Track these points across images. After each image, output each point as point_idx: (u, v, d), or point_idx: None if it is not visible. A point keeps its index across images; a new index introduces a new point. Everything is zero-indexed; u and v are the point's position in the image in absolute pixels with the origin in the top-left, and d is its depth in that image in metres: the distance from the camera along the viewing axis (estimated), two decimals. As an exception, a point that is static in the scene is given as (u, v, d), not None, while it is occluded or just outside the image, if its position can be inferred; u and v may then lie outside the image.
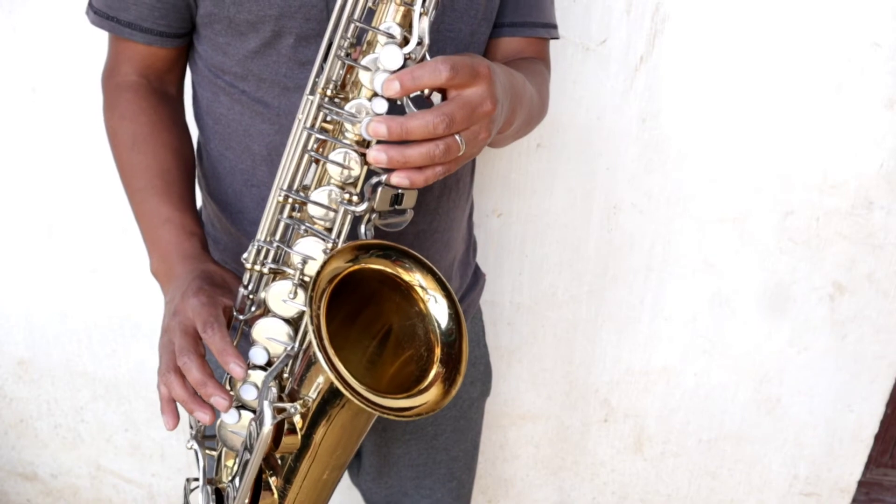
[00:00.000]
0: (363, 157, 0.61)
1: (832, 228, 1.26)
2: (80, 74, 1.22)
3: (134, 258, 1.36)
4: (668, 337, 1.38)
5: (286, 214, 0.65)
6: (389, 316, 0.68)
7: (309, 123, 0.62)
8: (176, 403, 0.67)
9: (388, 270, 0.64)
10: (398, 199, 0.62)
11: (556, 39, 0.90)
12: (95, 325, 1.46)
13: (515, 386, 1.46)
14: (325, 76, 0.61)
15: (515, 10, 0.83)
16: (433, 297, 0.65)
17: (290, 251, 0.65)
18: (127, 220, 1.32)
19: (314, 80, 0.62)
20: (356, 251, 0.62)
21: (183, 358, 0.63)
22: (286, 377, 0.66)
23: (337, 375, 0.56)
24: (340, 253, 0.61)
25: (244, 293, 0.67)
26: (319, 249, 0.64)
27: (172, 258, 0.73)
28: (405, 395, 0.61)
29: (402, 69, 0.56)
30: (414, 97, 0.57)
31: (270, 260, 0.66)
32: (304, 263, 0.64)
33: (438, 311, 0.65)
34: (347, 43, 0.61)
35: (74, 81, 1.23)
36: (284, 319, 0.65)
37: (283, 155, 0.64)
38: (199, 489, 0.72)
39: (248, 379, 0.66)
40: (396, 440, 0.98)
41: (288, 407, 0.63)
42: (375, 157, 0.56)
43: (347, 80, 0.62)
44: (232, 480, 0.71)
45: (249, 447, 0.67)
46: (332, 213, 0.63)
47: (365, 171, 0.62)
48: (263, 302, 0.66)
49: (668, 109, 1.20)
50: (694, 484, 1.54)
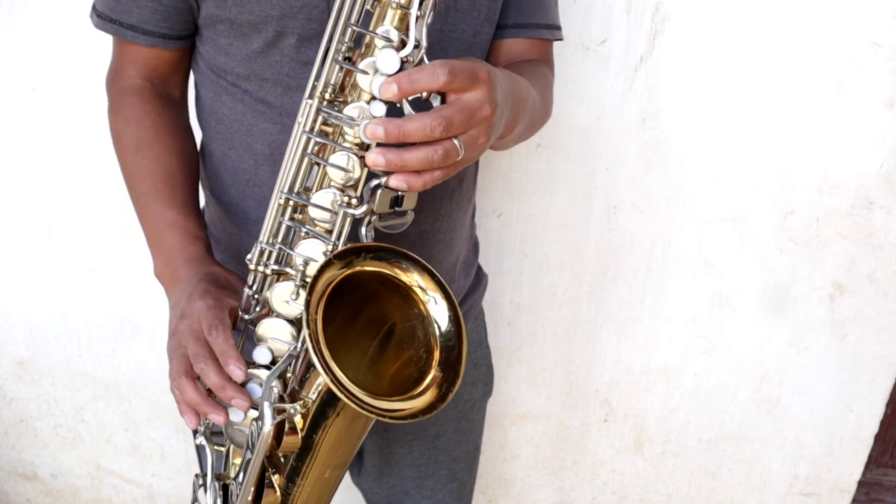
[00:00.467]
0: (362, 159, 0.61)
1: (832, 228, 1.26)
2: (80, 74, 1.22)
3: (134, 258, 1.36)
4: (668, 337, 1.38)
5: (287, 217, 0.65)
6: (390, 316, 0.68)
7: (308, 127, 0.62)
8: None
9: (386, 272, 0.64)
10: (398, 201, 0.62)
11: (559, 41, 0.90)
12: (95, 325, 1.46)
13: (515, 386, 1.46)
14: (323, 80, 0.61)
15: (518, 11, 0.83)
16: (433, 298, 0.65)
17: (291, 253, 0.65)
18: (127, 220, 1.32)
19: (313, 83, 0.62)
20: (351, 255, 0.63)
21: (199, 364, 0.63)
22: (289, 377, 0.66)
23: (333, 379, 0.57)
24: (336, 259, 0.62)
25: (249, 293, 0.68)
26: (320, 251, 0.64)
27: (177, 262, 0.73)
28: (400, 397, 0.62)
29: (399, 72, 0.56)
30: (413, 101, 0.58)
31: (273, 261, 0.66)
32: (305, 265, 0.65)
33: (438, 313, 0.65)
34: (346, 46, 0.61)
35: (74, 81, 1.23)
36: (287, 320, 0.66)
37: (283, 156, 0.65)
38: (207, 485, 0.73)
39: (252, 379, 0.66)
40: (398, 440, 0.98)
41: (288, 408, 0.64)
42: (374, 160, 0.57)
43: (346, 83, 0.62)
44: (235, 478, 0.72)
45: (251, 446, 0.67)
46: (332, 215, 0.63)
47: (365, 173, 0.62)
48: (267, 302, 0.66)
49: (668, 109, 1.20)
50: (694, 484, 1.54)
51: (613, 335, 1.40)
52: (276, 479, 0.70)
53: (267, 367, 0.66)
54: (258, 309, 0.68)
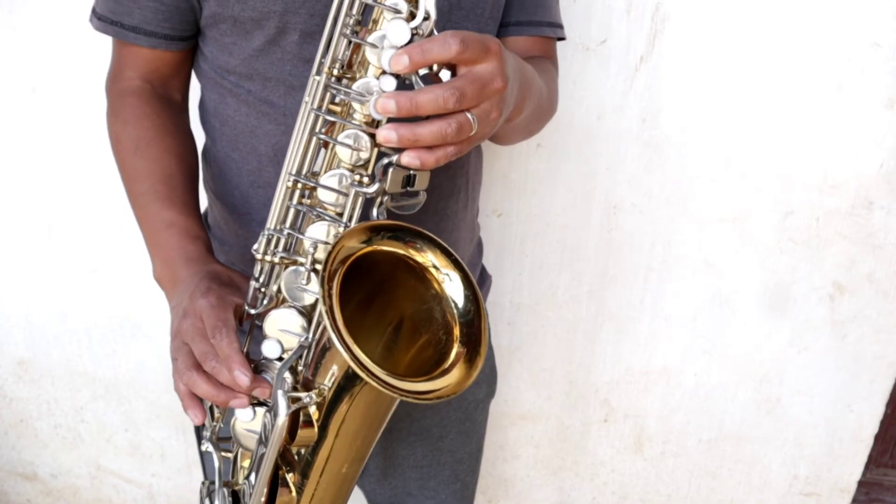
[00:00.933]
0: (373, 137, 0.59)
1: (832, 228, 1.26)
2: (80, 75, 1.22)
3: (134, 258, 1.36)
4: (668, 337, 1.38)
5: (296, 200, 0.63)
6: (404, 302, 0.66)
7: (316, 105, 0.60)
8: (198, 397, 0.65)
9: (400, 252, 0.62)
10: (410, 180, 0.60)
11: (562, 40, 0.89)
12: (95, 325, 1.46)
13: (515, 386, 1.46)
14: (330, 55, 0.59)
15: (521, 9, 0.83)
16: (447, 275, 0.62)
17: (301, 237, 0.63)
18: (126, 220, 1.31)
19: (320, 60, 0.60)
20: (368, 232, 0.60)
21: (210, 363, 0.62)
22: (300, 370, 0.64)
23: (352, 356, 0.54)
24: (352, 233, 0.59)
25: (255, 286, 0.66)
26: (331, 234, 0.62)
27: (176, 262, 0.72)
28: (426, 377, 0.59)
29: (410, 44, 0.55)
30: (422, 78, 0.56)
31: (281, 249, 0.64)
32: (315, 249, 0.62)
33: (454, 289, 0.62)
34: (353, 20, 0.59)
35: (74, 81, 1.23)
36: (298, 309, 0.63)
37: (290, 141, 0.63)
38: (215, 492, 0.71)
39: (264, 372, 0.64)
40: (401, 441, 0.98)
41: (303, 396, 0.61)
42: (386, 136, 0.55)
43: (354, 60, 0.60)
44: (247, 477, 0.69)
45: (264, 440, 0.64)
46: (342, 197, 0.61)
47: (375, 153, 0.60)
48: (277, 290, 0.64)
49: (668, 109, 1.20)
50: (694, 484, 1.54)
51: (613, 335, 1.40)
52: (290, 477, 0.67)
53: (278, 359, 0.64)
54: (265, 302, 0.65)
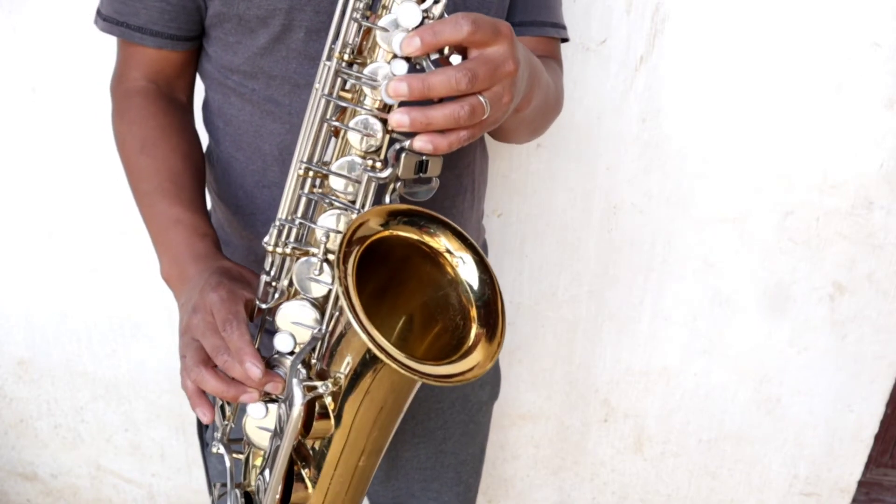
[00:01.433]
0: (384, 123, 0.59)
1: (832, 228, 1.26)
2: (80, 75, 1.22)
3: (134, 258, 1.36)
4: (668, 337, 1.38)
5: (307, 189, 0.62)
6: (418, 289, 0.65)
7: (326, 91, 0.60)
8: (206, 395, 0.65)
9: (414, 238, 0.61)
10: (423, 166, 0.59)
11: (566, 41, 0.89)
12: (95, 325, 1.46)
13: (515, 386, 1.46)
14: (341, 41, 0.59)
15: (525, 9, 0.83)
16: (460, 258, 0.62)
17: (313, 226, 0.62)
18: (127, 220, 1.32)
19: (330, 46, 0.60)
20: (383, 215, 0.60)
21: (222, 357, 0.61)
22: (313, 363, 0.63)
23: (370, 338, 0.52)
24: (367, 215, 0.59)
25: (266, 280, 0.65)
26: (344, 223, 0.61)
27: (184, 259, 0.71)
28: (447, 361, 0.58)
29: (421, 26, 0.54)
30: (433, 62, 0.56)
31: (293, 239, 0.63)
32: (327, 238, 0.61)
33: (468, 272, 0.62)
34: (363, 5, 0.58)
35: (74, 81, 1.23)
36: (310, 302, 0.62)
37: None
38: (227, 494, 0.70)
39: (276, 367, 0.63)
40: (405, 443, 0.98)
41: (319, 385, 0.60)
42: (398, 120, 0.54)
43: (364, 46, 0.60)
44: (261, 473, 0.68)
45: (279, 432, 0.63)
46: (354, 184, 0.60)
47: (387, 139, 0.60)
48: (288, 284, 0.63)
49: (668, 109, 1.20)
50: (694, 484, 1.54)
51: (613, 335, 1.40)
52: (305, 472, 0.66)
53: (290, 353, 0.63)
54: (276, 296, 0.64)
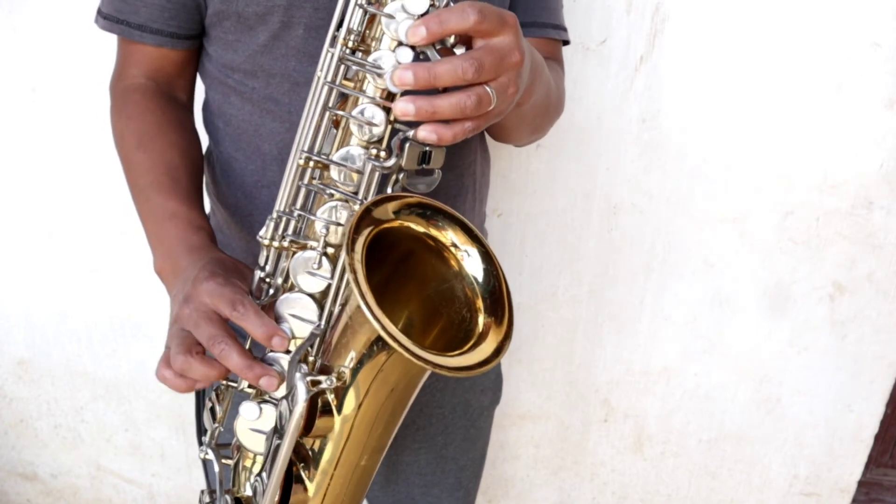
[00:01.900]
0: (387, 112, 0.58)
1: (832, 228, 1.26)
2: (80, 74, 1.22)
3: (134, 258, 1.36)
4: (668, 337, 1.38)
5: (307, 180, 0.60)
6: (422, 284, 0.64)
7: (329, 78, 0.58)
8: (186, 379, 0.62)
9: (420, 230, 0.60)
10: (426, 157, 0.58)
11: (567, 44, 0.89)
12: (95, 325, 1.46)
13: (515, 386, 1.46)
14: (345, 28, 0.58)
15: (526, 10, 0.82)
16: (465, 251, 0.61)
17: (312, 218, 0.60)
18: (127, 220, 1.32)
19: (333, 33, 0.59)
20: (389, 204, 0.58)
21: (219, 346, 0.58)
22: (310, 360, 0.61)
23: (381, 326, 0.51)
24: (374, 203, 0.57)
25: (261, 275, 0.63)
26: (344, 214, 0.60)
27: (178, 252, 0.69)
28: (458, 353, 0.57)
29: (427, 14, 0.54)
30: (437, 52, 0.55)
31: (291, 232, 0.62)
32: (327, 231, 0.59)
33: (473, 264, 0.61)
34: None
35: (74, 81, 1.23)
36: (309, 295, 0.61)
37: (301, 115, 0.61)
38: (216, 501, 0.68)
39: (273, 365, 0.62)
40: (406, 448, 0.98)
41: (323, 379, 0.58)
42: (403, 108, 0.53)
43: (367, 34, 0.59)
44: (259, 474, 0.66)
45: (280, 430, 0.61)
46: (356, 174, 0.59)
47: (389, 130, 0.59)
48: (283, 280, 0.62)
49: (668, 109, 1.20)
50: (694, 484, 1.54)
51: (613, 335, 1.40)
52: (304, 473, 0.64)
53: (285, 351, 0.61)
54: (271, 293, 0.63)
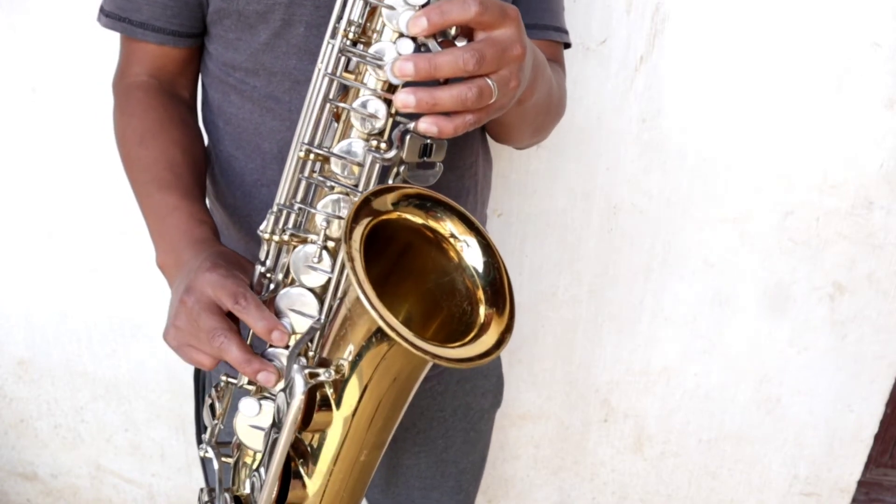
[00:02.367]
0: (388, 104, 0.57)
1: (832, 228, 1.26)
2: (80, 74, 1.22)
3: (134, 258, 1.36)
4: (668, 337, 1.38)
5: (307, 173, 0.60)
6: (422, 277, 0.63)
7: (330, 70, 0.58)
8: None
9: (419, 222, 0.60)
10: (427, 150, 0.58)
11: (568, 47, 0.89)
12: (95, 325, 1.46)
13: (515, 386, 1.46)
14: (345, 19, 0.58)
15: (527, 12, 0.82)
16: (465, 241, 0.60)
17: (313, 211, 0.60)
18: (127, 220, 1.32)
19: (334, 25, 0.59)
20: (389, 195, 0.58)
21: (219, 339, 0.58)
22: (310, 354, 0.61)
23: (378, 315, 0.51)
24: (374, 194, 0.57)
25: (261, 270, 0.63)
26: (346, 208, 0.59)
27: (181, 245, 0.68)
28: (459, 344, 0.57)
29: (428, 5, 0.54)
30: (439, 44, 0.55)
31: (291, 225, 0.61)
32: (328, 224, 0.59)
33: (472, 255, 0.60)
34: None
35: (74, 81, 1.23)
36: (309, 290, 0.61)
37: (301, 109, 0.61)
38: (215, 499, 0.68)
39: (273, 360, 0.62)
40: (406, 451, 0.97)
41: (321, 372, 0.58)
42: (404, 100, 0.53)
43: (368, 26, 0.58)
44: (256, 470, 0.66)
45: (278, 423, 0.61)
46: (357, 167, 0.59)
47: (390, 122, 0.58)
48: (284, 275, 0.62)
49: (668, 109, 1.20)
50: (694, 484, 1.54)
51: (613, 335, 1.40)
52: (303, 469, 0.64)
53: (286, 346, 0.61)
54: (271, 287, 0.63)
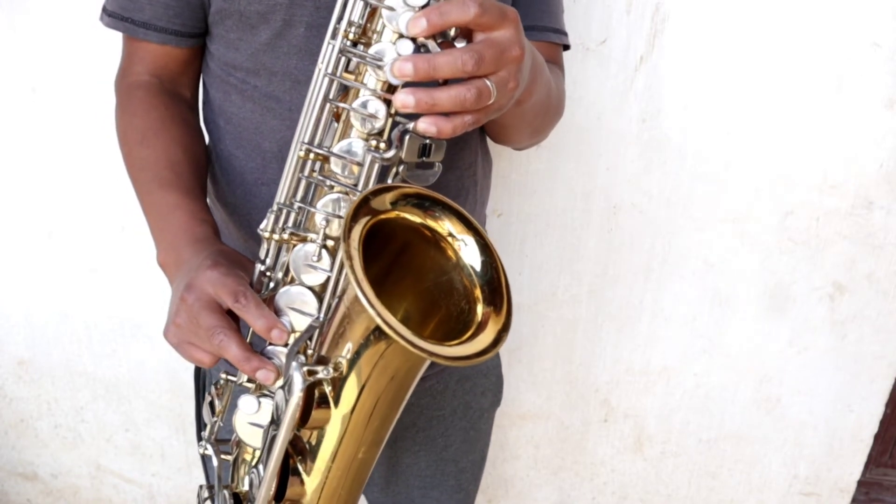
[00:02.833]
0: (388, 104, 0.58)
1: (832, 228, 1.26)
2: (80, 74, 1.22)
3: (134, 258, 1.36)
4: (668, 337, 1.38)
5: (307, 172, 0.61)
6: (420, 277, 0.64)
7: (330, 70, 0.59)
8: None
9: (417, 221, 0.60)
10: (426, 150, 0.58)
11: (567, 49, 0.89)
12: (95, 325, 1.46)
13: (515, 386, 1.46)
14: (346, 20, 0.58)
15: (526, 13, 0.82)
16: (462, 241, 0.61)
17: (312, 210, 0.61)
18: (127, 220, 1.32)
19: (335, 25, 0.59)
20: (387, 195, 0.58)
21: (219, 336, 0.59)
22: (309, 353, 0.61)
23: (376, 312, 0.51)
24: (373, 193, 0.57)
25: (261, 269, 0.63)
26: (344, 207, 0.60)
27: (181, 244, 0.68)
28: (457, 342, 0.57)
29: (427, 7, 0.54)
30: (438, 45, 0.56)
31: (291, 224, 0.62)
32: (327, 223, 0.60)
33: (470, 253, 0.61)
34: None
35: (74, 81, 1.23)
36: (309, 288, 0.61)
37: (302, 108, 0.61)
38: (214, 496, 0.68)
39: (273, 358, 0.62)
40: (406, 450, 0.97)
41: (319, 369, 0.58)
42: (403, 100, 0.54)
43: (369, 27, 0.59)
44: (255, 466, 0.66)
45: (276, 420, 0.61)
46: (356, 166, 0.59)
47: (390, 123, 0.59)
48: (284, 273, 0.62)
49: (668, 109, 1.20)
50: (694, 484, 1.54)
51: (613, 335, 1.40)
52: (301, 466, 0.64)
53: (285, 344, 0.62)
54: (271, 286, 0.63)
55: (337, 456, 0.63)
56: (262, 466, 0.64)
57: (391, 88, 0.58)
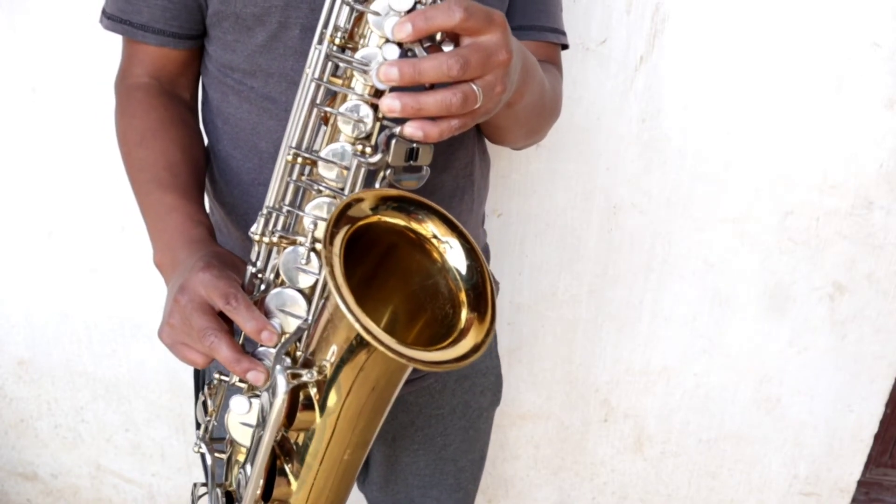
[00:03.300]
0: (375, 109, 0.58)
1: (832, 228, 1.26)
2: (80, 74, 1.22)
3: (134, 258, 1.36)
4: (668, 337, 1.38)
5: (296, 176, 0.61)
6: (405, 280, 0.64)
7: (317, 75, 0.59)
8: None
9: (401, 224, 0.60)
10: (413, 154, 0.58)
11: (566, 48, 0.89)
12: (95, 325, 1.46)
13: (515, 386, 1.46)
14: (332, 25, 0.58)
15: (524, 13, 0.82)
16: (447, 243, 0.61)
17: (301, 214, 0.62)
18: (127, 220, 1.32)
19: (321, 30, 0.59)
20: (371, 199, 0.59)
21: (210, 338, 0.59)
22: (298, 354, 0.62)
23: (354, 318, 0.52)
24: (356, 198, 0.58)
25: (252, 271, 0.64)
26: (332, 211, 0.60)
27: (177, 245, 0.69)
28: (438, 347, 0.57)
29: (413, 11, 0.54)
30: (425, 50, 0.56)
31: (280, 228, 0.63)
32: (315, 226, 0.61)
33: (455, 256, 0.61)
34: None
35: (74, 81, 1.23)
36: (298, 290, 0.62)
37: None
38: (207, 494, 0.69)
39: (262, 359, 0.63)
40: (405, 450, 0.98)
41: (304, 373, 0.59)
42: (389, 105, 0.54)
43: (355, 32, 0.59)
44: (243, 466, 0.67)
45: (262, 421, 0.62)
46: (344, 171, 0.60)
47: (377, 127, 0.59)
48: (275, 276, 0.63)
49: (668, 109, 1.20)
50: (694, 484, 1.54)
51: (613, 335, 1.40)
52: (288, 467, 0.65)
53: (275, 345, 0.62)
54: (263, 288, 0.64)
55: (324, 458, 0.64)
56: (249, 466, 0.65)
57: (378, 93, 0.58)
